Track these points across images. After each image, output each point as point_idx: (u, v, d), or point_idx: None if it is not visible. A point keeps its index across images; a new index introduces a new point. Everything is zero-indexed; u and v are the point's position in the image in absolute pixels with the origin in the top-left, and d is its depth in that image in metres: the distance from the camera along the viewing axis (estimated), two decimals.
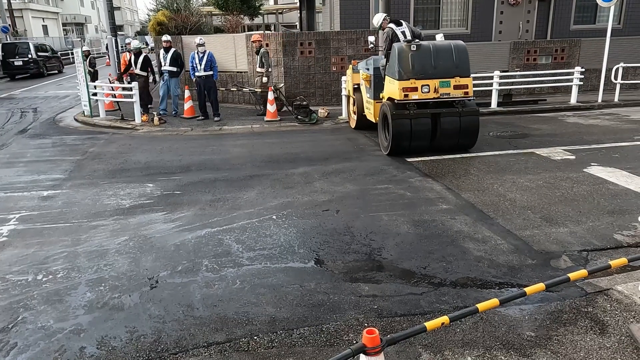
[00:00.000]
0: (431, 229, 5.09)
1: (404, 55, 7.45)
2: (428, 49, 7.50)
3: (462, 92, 7.56)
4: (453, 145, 7.90)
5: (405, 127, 7.57)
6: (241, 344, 3.27)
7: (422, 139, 7.72)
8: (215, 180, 7.08)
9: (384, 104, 8.01)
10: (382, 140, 8.30)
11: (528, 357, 3.03)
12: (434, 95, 7.49)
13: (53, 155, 9.07)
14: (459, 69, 7.52)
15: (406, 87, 7.42)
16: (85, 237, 5.14)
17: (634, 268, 4.04)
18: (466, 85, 7.56)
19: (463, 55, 7.57)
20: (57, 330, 3.51)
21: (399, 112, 7.54)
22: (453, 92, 7.52)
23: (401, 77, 7.44)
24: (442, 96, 7.52)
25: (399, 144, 7.72)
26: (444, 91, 7.49)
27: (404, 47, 7.49)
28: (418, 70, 7.41)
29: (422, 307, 3.67)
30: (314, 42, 13.15)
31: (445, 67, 7.48)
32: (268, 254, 4.61)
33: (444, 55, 7.51)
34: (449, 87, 7.48)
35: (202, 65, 11.52)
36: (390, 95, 7.82)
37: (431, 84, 7.44)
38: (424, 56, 7.46)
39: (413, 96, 7.45)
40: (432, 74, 7.45)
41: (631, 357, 2.99)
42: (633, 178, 6.46)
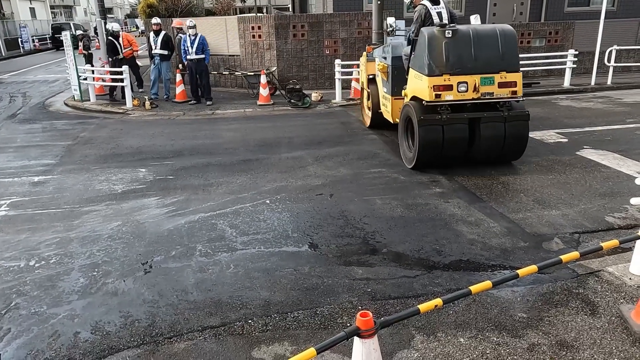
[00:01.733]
0: (424, 213, 5.11)
1: (436, 44, 5.79)
2: (467, 35, 5.83)
3: (508, 92, 5.92)
4: (494, 158, 6.34)
5: (436, 136, 5.93)
6: (236, 328, 3.29)
7: (456, 150, 6.10)
8: (208, 164, 7.04)
9: (408, 104, 6.38)
10: (405, 149, 6.71)
11: (520, 337, 3.06)
12: (474, 95, 5.85)
13: (43, 140, 8.97)
14: (506, 61, 5.89)
15: (438, 85, 5.79)
16: (77, 222, 5.11)
17: (624, 250, 4.08)
18: (514, 82, 5.92)
19: (511, 43, 5.96)
20: (50, 315, 3.50)
21: (428, 117, 5.91)
22: (497, 91, 5.88)
23: (432, 71, 5.81)
24: (484, 97, 5.89)
25: (427, 157, 6.11)
26: (486, 90, 5.85)
27: (435, 33, 5.82)
28: (454, 63, 5.78)
29: (415, 289, 3.69)
30: (306, 25, 13.00)
31: (489, 59, 5.86)
32: (262, 238, 4.61)
33: (487, 43, 5.87)
34: (492, 85, 5.84)
35: (194, 48, 11.36)
36: (416, 94, 6.23)
37: (470, 81, 5.79)
38: (461, 45, 5.81)
39: (446, 97, 5.81)
40: (471, 68, 5.82)
41: (621, 337, 3.03)
42: (625, 161, 6.49)
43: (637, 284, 3.55)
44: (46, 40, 35.29)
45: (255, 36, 13.32)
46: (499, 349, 2.97)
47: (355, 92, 11.80)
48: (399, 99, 7.27)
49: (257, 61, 13.44)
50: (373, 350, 2.00)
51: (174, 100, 12.17)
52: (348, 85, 12.03)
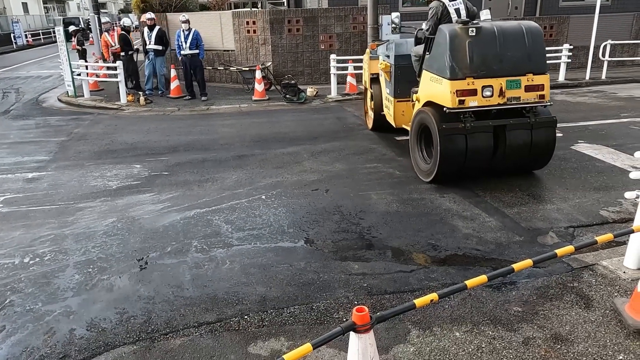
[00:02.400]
0: (420, 207, 5.11)
1: (458, 43, 5.19)
2: (491, 33, 5.26)
3: (535, 96, 5.35)
4: (519, 167, 5.86)
5: (459, 147, 5.33)
6: (232, 324, 3.29)
7: (480, 161, 5.51)
8: (203, 160, 7.02)
9: (424, 110, 5.71)
10: (418, 161, 5.99)
11: (515, 331, 3.08)
12: (499, 100, 5.25)
13: (37, 136, 8.91)
14: (533, 62, 5.34)
15: (462, 90, 5.17)
16: (72, 219, 5.09)
17: (618, 243, 4.10)
18: (542, 85, 5.36)
19: (538, 42, 5.40)
20: (45, 312, 3.49)
21: (450, 126, 5.28)
22: (524, 95, 5.32)
23: (454, 74, 5.17)
24: (510, 102, 5.31)
25: (448, 170, 5.51)
26: (513, 94, 5.27)
27: (458, 32, 5.22)
28: (478, 65, 5.19)
29: (411, 284, 3.70)
30: (301, 20, 12.95)
31: (515, 59, 5.29)
32: (258, 234, 4.61)
33: (513, 42, 5.31)
34: (518, 89, 5.29)
35: (188, 43, 11.29)
36: (433, 99, 5.59)
37: (495, 85, 5.21)
38: (486, 44, 5.23)
39: (471, 102, 5.20)
40: (497, 70, 5.24)
41: (615, 330, 3.05)
42: (619, 155, 6.52)
43: (631, 277, 3.58)
44: (39, 35, 35.03)
45: (250, 31, 13.26)
46: (494, 342, 2.98)
47: (351, 87, 11.78)
48: (402, 101, 6.85)
49: (252, 56, 13.39)
50: (369, 345, 2.00)
51: (168, 96, 12.11)
52: (343, 80, 12.00)
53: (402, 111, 6.95)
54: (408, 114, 6.72)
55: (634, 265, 3.68)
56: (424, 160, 5.93)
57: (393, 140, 7.68)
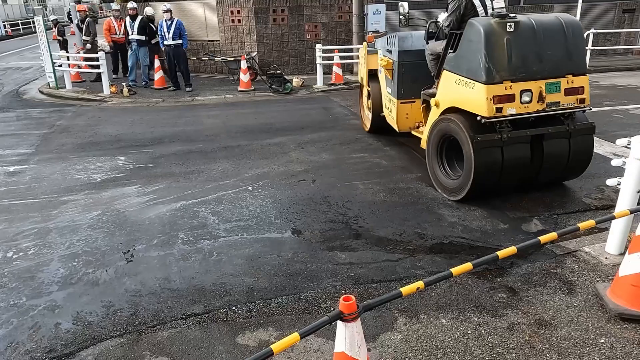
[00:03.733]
0: (406, 197, 5.14)
1: (495, 41, 4.47)
2: (530, 29, 4.58)
3: (575, 100, 4.75)
4: (554, 178, 5.20)
5: (495, 161, 4.67)
6: (219, 315, 3.29)
7: (516, 174, 4.87)
8: (189, 152, 6.96)
9: (449, 119, 4.97)
10: (440, 176, 5.25)
11: (500, 317, 3.13)
12: (538, 107, 4.61)
13: (18, 129, 8.75)
14: (573, 61, 4.72)
15: (499, 96, 4.48)
16: (55, 212, 5.02)
17: (600, 230, 4.17)
18: (582, 88, 4.76)
19: (579, 38, 4.79)
20: (30, 307, 3.45)
21: (485, 138, 4.61)
22: (564, 99, 4.69)
23: (491, 77, 4.46)
24: (549, 108, 4.66)
25: (482, 186, 4.82)
26: (552, 99, 4.64)
27: (494, 27, 4.49)
28: (517, 66, 4.52)
29: (398, 273, 3.73)
30: (286, 9, 12.84)
31: (555, 59, 4.64)
32: (245, 225, 4.60)
33: (553, 39, 4.65)
34: (558, 93, 4.65)
35: (171, 33, 11.12)
36: (459, 105, 4.88)
37: (534, 89, 4.56)
38: (524, 41, 4.56)
39: (508, 110, 4.53)
40: (536, 72, 4.58)
41: (597, 314, 3.12)
42: (601, 143, 6.61)
43: (613, 262, 3.65)
44: (18, 25, 34.29)
45: (234, 21, 13.12)
46: (480, 328, 3.02)
47: (337, 77, 11.75)
48: (406, 103, 6.17)
49: (237, 46, 13.26)
50: (356, 334, 2.02)
51: (152, 87, 11.96)
52: (329, 70, 11.96)
53: (406, 114, 6.27)
54: (413, 117, 6.25)
55: (615, 251, 3.75)
56: (447, 176, 5.18)
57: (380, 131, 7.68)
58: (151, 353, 2.95)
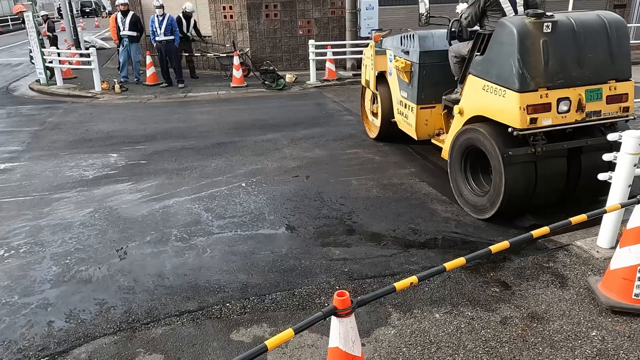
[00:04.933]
0: (400, 192, 5.16)
1: (530, 43, 3.97)
2: (570, 29, 4.07)
3: (618, 108, 4.24)
4: (592, 195, 4.61)
5: (528, 177, 4.25)
6: (213, 311, 3.28)
7: (551, 192, 4.44)
8: (181, 148, 6.93)
9: (473, 129, 4.51)
10: (465, 193, 4.75)
11: (493, 311, 3.15)
12: (577, 117, 4.13)
13: (8, 126, 8.66)
14: (617, 65, 4.20)
15: (533, 105, 3.99)
16: (47, 210, 4.98)
17: (592, 224, 4.19)
18: (626, 95, 4.25)
19: (624, 39, 4.27)
20: (22, 305, 3.43)
21: (517, 153, 4.13)
22: (606, 108, 4.20)
23: (525, 85, 3.98)
24: (589, 117, 4.17)
25: (514, 205, 4.35)
26: (593, 108, 4.15)
27: (529, 28, 3.97)
28: (555, 72, 4.02)
29: (391, 268, 3.74)
30: (279, 5, 12.79)
31: (596, 62, 4.14)
32: (238, 221, 4.59)
33: (595, 40, 4.14)
34: (599, 101, 4.17)
35: (162, 29, 11.05)
36: (489, 115, 4.37)
37: (573, 96, 4.08)
38: (562, 44, 4.06)
39: (544, 121, 4.03)
40: (576, 78, 4.10)
41: (588, 308, 3.15)
42: None
43: (604, 256, 3.68)
44: (7, 21, 33.88)
45: (227, 16, 13.05)
46: (473, 323, 3.04)
47: (330, 73, 11.73)
48: (427, 108, 5.65)
49: (229, 42, 13.19)
50: (350, 329, 2.02)
51: (144, 83, 11.88)
52: (322, 66, 11.94)
53: (425, 120, 5.72)
54: (432, 124, 5.75)
55: (606, 245, 3.79)
56: (472, 192, 4.72)
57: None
58: (145, 350, 2.94)
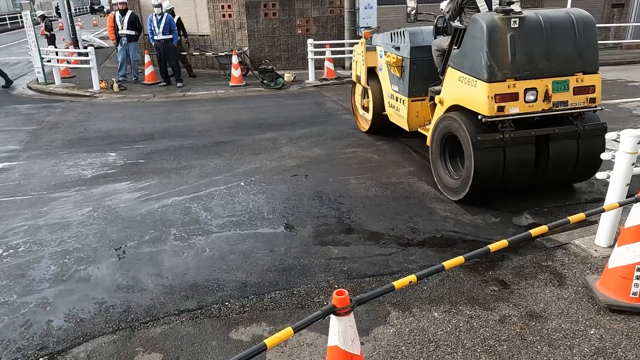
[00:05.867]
0: (399, 191, 5.16)
1: (498, 37, 4.32)
2: (537, 24, 4.42)
3: (585, 99, 4.58)
4: (562, 180, 5.02)
5: (496, 161, 4.55)
6: (212, 310, 3.28)
7: (519, 176, 4.72)
8: (180, 147, 6.93)
9: (451, 117, 4.85)
10: (443, 176, 5.12)
11: (492, 310, 3.15)
12: (544, 106, 4.47)
13: (7, 125, 8.64)
14: (584, 58, 4.54)
15: (501, 94, 4.36)
16: (46, 209, 4.98)
17: (590, 223, 4.21)
18: (592, 87, 4.58)
19: (591, 35, 4.59)
20: (21, 304, 3.43)
21: (486, 137, 4.49)
22: (573, 99, 4.54)
23: (493, 75, 4.33)
24: (556, 107, 4.51)
25: (484, 188, 4.71)
26: (560, 98, 4.49)
27: (498, 23, 4.34)
28: (522, 64, 4.37)
29: (390, 267, 3.75)
30: (277, 4, 12.78)
31: (563, 56, 4.48)
32: (237, 220, 4.59)
33: (562, 35, 4.48)
34: (566, 92, 4.50)
35: (161, 28, 11.03)
36: (462, 103, 4.76)
37: (540, 87, 4.42)
38: (530, 38, 4.40)
39: (511, 109, 4.40)
40: (542, 70, 4.44)
41: (586, 306, 3.16)
42: None
43: (602, 255, 3.69)
44: (5, 20, 33.81)
45: (225, 15, 13.04)
46: (472, 321, 3.05)
47: (329, 72, 11.73)
48: (418, 100, 5.93)
49: (227, 41, 13.19)
50: (349, 328, 2.03)
51: (143, 82, 11.86)
52: (321, 65, 11.94)
53: (416, 112, 6.00)
54: (423, 115, 5.99)
55: (604, 244, 3.80)
56: (449, 175, 5.06)
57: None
58: (144, 349, 2.94)
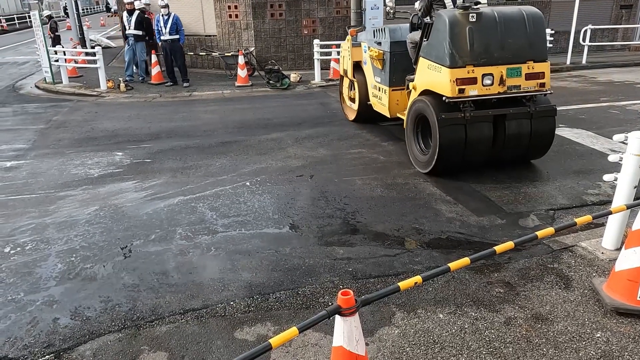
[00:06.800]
0: (404, 192, 5.15)
1: (458, 30, 5.06)
2: (492, 19, 5.16)
3: (536, 84, 5.30)
4: (518, 157, 5.76)
5: (458, 137, 5.24)
6: (218, 310, 3.29)
7: (480, 152, 5.43)
8: (186, 147, 6.95)
9: (421, 100, 5.58)
10: (415, 152, 5.86)
11: (497, 312, 3.14)
12: (499, 89, 5.19)
13: (15, 124, 8.71)
14: (534, 49, 5.28)
15: (461, 79, 5.07)
16: (53, 208, 5.01)
17: (597, 225, 4.19)
18: (542, 73, 5.31)
19: (540, 28, 5.35)
20: (28, 302, 3.45)
21: (449, 116, 5.18)
22: (525, 83, 5.26)
23: (454, 62, 5.06)
24: (510, 90, 5.24)
25: (447, 161, 5.38)
26: (513, 82, 5.22)
27: (458, 17, 5.08)
28: (479, 53, 5.08)
29: (395, 268, 3.74)
30: (284, 4, 12.80)
31: (516, 46, 5.21)
32: (243, 220, 4.60)
33: (514, 28, 5.22)
34: (519, 77, 5.23)
35: (167, 28, 11.08)
36: (430, 87, 5.46)
37: (495, 73, 5.14)
38: (486, 30, 5.12)
39: (470, 91, 5.11)
40: (497, 58, 5.15)
41: (593, 309, 3.14)
42: (598, 138, 6.63)
43: (609, 258, 3.67)
44: (14, 20, 34.06)
45: (232, 16, 13.08)
46: (477, 323, 3.04)
47: (335, 72, 11.72)
48: (398, 90, 6.64)
49: (234, 41, 13.22)
50: (354, 328, 2.02)
51: (149, 82, 11.92)
52: (327, 65, 11.94)
53: (396, 100, 6.73)
54: (403, 103, 6.58)
55: (611, 246, 3.77)
56: (421, 151, 5.78)
57: (377, 125, 7.69)
58: (149, 348, 2.96)
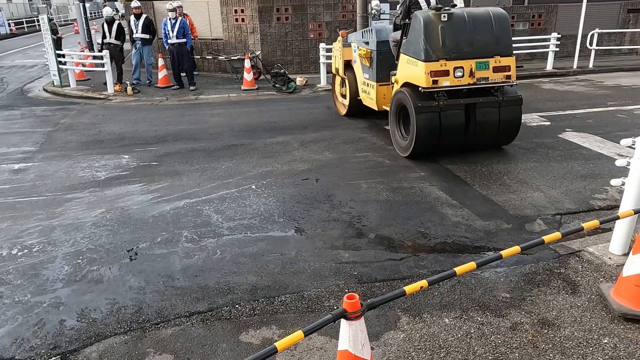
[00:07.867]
0: (410, 196, 5.14)
1: (432, 28, 5.71)
2: (462, 18, 5.79)
3: (503, 76, 5.97)
4: (489, 143, 6.39)
5: (433, 123, 5.86)
6: (223, 313, 3.30)
7: (453, 137, 6.06)
8: (192, 150, 6.98)
9: (401, 91, 6.23)
10: (397, 138, 6.53)
11: (503, 317, 3.12)
12: (470, 80, 5.85)
13: (23, 127, 8.78)
14: (500, 45, 5.91)
15: (435, 71, 5.72)
16: (60, 210, 5.04)
17: (604, 230, 4.16)
18: (508, 66, 5.98)
19: (505, 27, 5.97)
20: (35, 304, 3.47)
21: (425, 104, 5.82)
22: (492, 75, 5.92)
23: (428, 57, 5.71)
24: (479, 82, 5.89)
25: (424, 145, 6.02)
26: (482, 75, 5.87)
27: (431, 17, 5.73)
28: (450, 48, 5.73)
29: (401, 272, 3.73)
30: (290, 8, 12.85)
31: (483, 43, 5.85)
32: (248, 223, 4.60)
33: (482, 27, 5.86)
34: (487, 70, 5.88)
35: (175, 32, 11.15)
36: (409, 80, 6.11)
37: (466, 66, 5.80)
38: (457, 29, 5.77)
39: (443, 82, 5.77)
40: (467, 53, 5.79)
41: (600, 314, 3.11)
42: (605, 143, 6.59)
43: (617, 263, 3.64)
44: (23, 24, 34.38)
45: (238, 20, 13.14)
46: (483, 328, 3.02)
47: None
48: (384, 85, 7.17)
49: (240, 45, 13.27)
50: (360, 332, 2.02)
51: (156, 86, 11.98)
52: None
53: (383, 94, 7.26)
54: (389, 97, 6.97)
55: (619, 251, 3.74)
56: (402, 137, 6.44)
57: (383, 129, 7.69)
58: (155, 350, 2.96)
